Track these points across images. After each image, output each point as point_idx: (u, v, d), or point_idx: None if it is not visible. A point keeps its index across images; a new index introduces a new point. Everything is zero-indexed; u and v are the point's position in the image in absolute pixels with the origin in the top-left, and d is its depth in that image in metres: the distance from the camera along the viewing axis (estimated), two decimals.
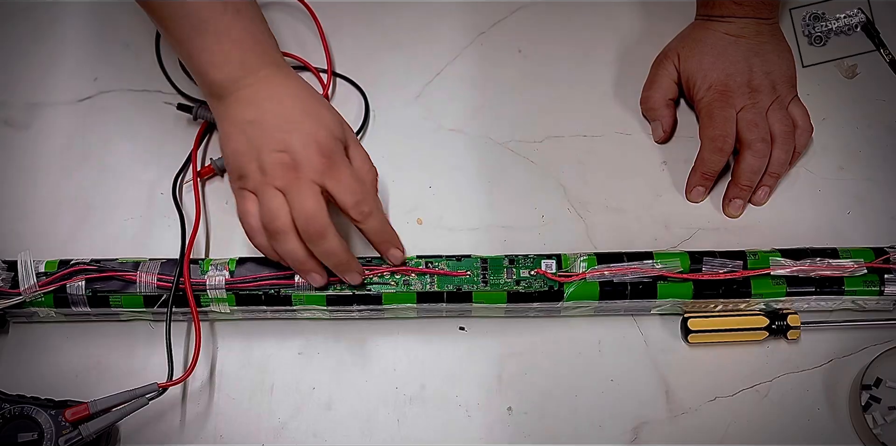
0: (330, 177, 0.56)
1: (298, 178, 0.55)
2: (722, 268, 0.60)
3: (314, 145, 0.56)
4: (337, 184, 0.56)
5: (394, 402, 0.60)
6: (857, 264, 0.59)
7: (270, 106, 0.57)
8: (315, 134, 0.56)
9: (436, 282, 0.59)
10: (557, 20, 0.74)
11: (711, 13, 0.68)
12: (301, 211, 0.55)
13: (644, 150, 0.69)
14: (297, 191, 0.55)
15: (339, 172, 0.56)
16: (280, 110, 0.57)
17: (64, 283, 0.59)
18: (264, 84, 0.58)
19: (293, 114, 0.57)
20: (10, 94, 0.70)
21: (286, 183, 0.55)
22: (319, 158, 0.56)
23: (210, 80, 0.58)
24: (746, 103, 0.65)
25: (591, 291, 0.59)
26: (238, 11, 0.58)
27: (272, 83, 0.58)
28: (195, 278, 0.59)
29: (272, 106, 0.57)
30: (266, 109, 0.57)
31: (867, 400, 0.60)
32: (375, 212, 0.58)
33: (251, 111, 0.57)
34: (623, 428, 0.60)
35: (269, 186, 0.56)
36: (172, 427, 0.60)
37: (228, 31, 0.58)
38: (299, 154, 0.55)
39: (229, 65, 0.58)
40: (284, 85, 0.59)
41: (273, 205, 0.55)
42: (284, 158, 0.55)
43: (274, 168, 0.55)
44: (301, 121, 0.57)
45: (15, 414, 0.54)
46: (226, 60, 0.58)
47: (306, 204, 0.55)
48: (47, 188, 0.67)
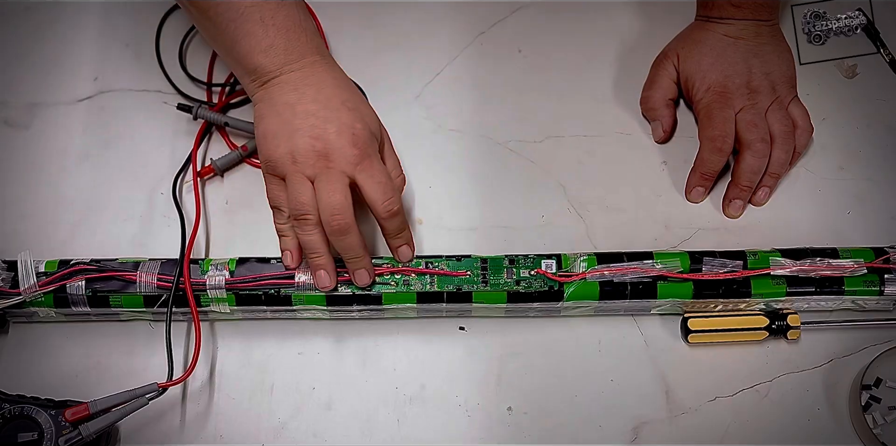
0: (361, 169, 0.56)
1: (329, 168, 0.55)
2: (722, 268, 0.60)
3: (349, 135, 0.56)
4: (368, 177, 0.56)
5: (394, 402, 0.60)
6: (856, 264, 0.59)
7: (311, 92, 0.57)
8: (351, 125, 0.56)
9: (436, 282, 0.59)
10: (557, 20, 0.74)
11: (711, 14, 0.68)
12: (328, 204, 0.55)
13: (644, 150, 0.69)
14: (327, 181, 0.55)
15: (371, 166, 0.56)
16: (320, 97, 0.57)
17: (64, 283, 0.59)
18: (308, 70, 0.58)
19: (332, 103, 0.57)
20: (10, 94, 0.70)
21: (316, 171, 0.55)
22: (352, 149, 0.56)
23: (254, 65, 0.58)
24: (745, 104, 0.65)
25: (591, 291, 0.59)
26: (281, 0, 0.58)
27: (316, 70, 0.59)
28: (195, 278, 0.59)
29: (313, 92, 0.57)
30: (306, 94, 0.57)
31: (867, 400, 0.60)
32: (401, 212, 0.58)
33: (292, 95, 0.57)
34: (623, 428, 0.60)
35: (299, 174, 0.56)
36: (172, 427, 0.60)
37: (274, 17, 0.58)
38: (333, 142, 0.55)
39: (274, 49, 0.58)
40: (327, 74, 0.59)
41: (301, 194, 0.55)
42: (317, 145, 0.55)
43: (306, 155, 0.55)
44: (339, 110, 0.57)
45: (15, 414, 0.54)
46: (271, 45, 0.58)
47: (334, 197, 0.55)
48: (47, 188, 0.67)
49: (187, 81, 0.71)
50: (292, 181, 0.56)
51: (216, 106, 0.69)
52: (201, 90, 0.71)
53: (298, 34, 0.59)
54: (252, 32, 0.58)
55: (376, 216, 0.58)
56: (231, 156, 0.67)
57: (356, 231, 0.56)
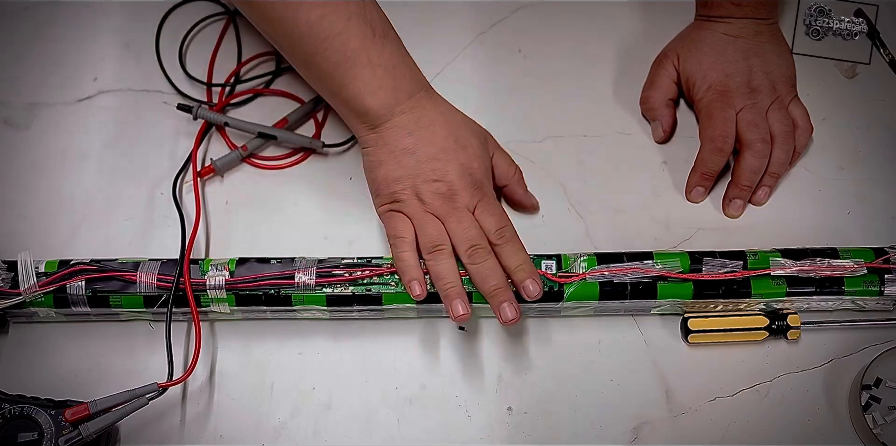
0: (480, 205, 0.59)
1: (455, 208, 0.58)
2: (722, 268, 0.60)
3: (468, 176, 0.59)
4: (484, 211, 0.58)
5: (394, 402, 0.60)
6: (857, 264, 0.59)
7: (426, 135, 0.59)
8: (469, 165, 0.59)
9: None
10: (557, 20, 0.74)
11: (710, 14, 0.68)
12: (466, 238, 0.57)
13: (644, 150, 0.69)
14: (458, 219, 0.58)
15: (488, 202, 0.59)
16: (435, 139, 0.59)
17: (64, 283, 0.59)
18: (418, 110, 0.59)
19: (447, 144, 0.59)
20: (10, 94, 0.70)
21: (444, 212, 0.58)
22: (472, 190, 0.59)
23: (365, 108, 0.58)
24: (746, 103, 0.65)
25: (591, 291, 0.59)
26: (385, 36, 0.58)
27: (425, 109, 0.59)
28: (195, 278, 0.59)
29: (428, 135, 0.59)
30: (422, 138, 0.59)
31: (867, 400, 0.60)
32: (514, 239, 0.59)
33: (408, 140, 0.58)
34: (623, 428, 0.60)
35: (428, 214, 0.58)
36: (172, 427, 0.60)
37: (380, 58, 0.57)
38: (455, 184, 0.58)
39: (383, 91, 0.58)
40: (436, 111, 0.60)
41: (435, 229, 0.58)
42: (441, 188, 0.58)
43: (432, 197, 0.58)
44: (455, 151, 0.59)
45: (15, 414, 0.54)
46: (380, 86, 0.58)
47: (470, 232, 0.58)
48: (47, 188, 0.67)
49: (187, 81, 0.71)
50: (423, 219, 0.58)
51: (216, 106, 0.69)
52: (201, 90, 0.71)
53: (403, 71, 0.59)
54: (360, 76, 0.57)
55: (491, 243, 0.58)
56: (231, 157, 0.67)
57: (495, 259, 0.58)
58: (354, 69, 0.57)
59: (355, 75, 0.57)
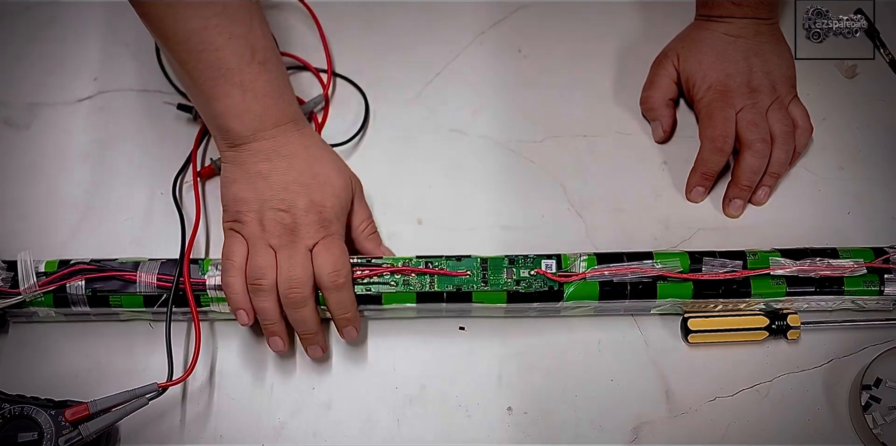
0: (321, 243, 0.57)
1: (294, 242, 0.56)
2: (722, 268, 0.60)
3: (316, 214, 0.57)
4: (324, 250, 0.56)
5: (394, 402, 0.60)
6: (856, 264, 0.59)
7: (283, 164, 0.57)
8: (321, 203, 0.57)
9: (436, 282, 0.59)
10: (557, 20, 0.74)
11: (711, 13, 0.68)
12: (288, 277, 0.56)
13: (644, 150, 0.69)
14: (290, 255, 0.56)
15: (331, 242, 0.57)
16: (291, 170, 0.57)
17: (64, 283, 0.59)
18: (281, 139, 0.58)
19: (303, 178, 0.57)
20: (10, 94, 0.70)
21: (281, 243, 0.56)
22: (317, 228, 0.57)
23: (226, 128, 0.58)
24: (746, 103, 0.65)
25: (590, 291, 0.59)
26: (264, 62, 0.57)
27: (289, 140, 0.58)
28: (195, 278, 0.59)
29: (284, 164, 0.57)
30: (278, 166, 0.57)
31: (867, 400, 0.60)
32: (346, 286, 0.57)
33: (263, 165, 0.57)
34: (623, 428, 0.60)
35: (264, 242, 0.56)
36: (172, 427, 0.60)
37: (253, 83, 0.57)
38: (300, 218, 0.56)
39: (248, 115, 0.57)
40: (300, 143, 0.59)
41: (264, 262, 0.56)
42: (285, 219, 0.56)
43: (273, 225, 0.56)
44: (309, 186, 0.57)
45: (15, 414, 0.54)
46: (246, 111, 0.57)
47: (295, 271, 0.56)
48: (47, 188, 0.67)
49: None
50: (256, 246, 0.56)
51: None
52: None
53: (276, 100, 0.58)
54: (229, 95, 0.56)
55: (321, 287, 0.57)
56: None
57: (312, 306, 0.57)
58: (225, 87, 0.56)
59: (225, 93, 0.56)
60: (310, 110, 0.69)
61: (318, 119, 0.70)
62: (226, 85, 0.56)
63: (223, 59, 0.56)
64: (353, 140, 0.69)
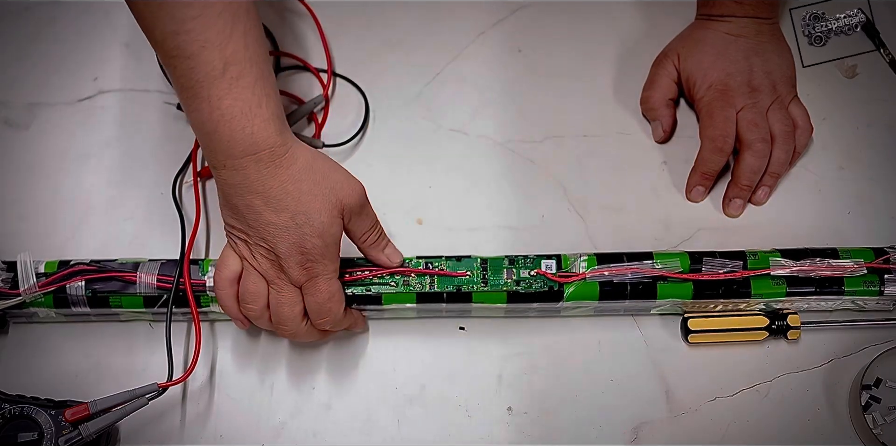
0: (306, 286, 0.55)
1: (281, 279, 0.55)
2: (722, 268, 0.60)
3: (298, 257, 0.53)
4: (309, 296, 0.55)
5: (394, 402, 0.60)
6: (856, 264, 0.59)
7: (257, 202, 0.52)
8: (300, 244, 0.53)
9: (436, 283, 0.59)
10: (557, 20, 0.74)
11: (712, 13, 0.68)
12: (276, 312, 0.55)
13: (644, 150, 0.69)
14: (278, 291, 0.55)
15: (316, 286, 0.54)
16: (266, 211, 0.52)
17: (64, 284, 0.59)
18: (252, 174, 0.52)
19: (279, 221, 0.52)
20: (10, 94, 0.70)
21: (269, 278, 0.55)
22: (300, 270, 0.54)
23: (201, 142, 0.53)
24: (747, 103, 0.65)
25: (591, 291, 0.59)
26: (238, 77, 0.50)
27: (260, 174, 0.52)
28: (195, 278, 0.59)
29: (259, 203, 0.52)
30: (252, 206, 0.52)
31: (867, 400, 0.60)
32: (335, 325, 0.57)
33: (239, 201, 0.53)
34: (623, 428, 0.60)
35: (253, 269, 0.55)
36: (172, 427, 0.60)
37: (220, 101, 0.50)
38: (284, 260, 0.53)
39: (216, 137, 0.51)
40: (272, 180, 0.52)
41: (254, 289, 0.55)
42: (270, 256, 0.54)
43: (262, 259, 0.54)
44: (287, 229, 0.52)
45: (15, 414, 0.54)
46: (214, 131, 0.51)
47: (282, 309, 0.55)
48: (47, 188, 0.67)
49: None
50: (248, 270, 0.55)
51: None
52: None
53: (244, 125, 0.51)
54: (199, 110, 0.51)
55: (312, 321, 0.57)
56: None
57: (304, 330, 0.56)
58: (195, 101, 0.51)
59: (195, 108, 0.51)
60: (310, 110, 0.69)
61: (318, 119, 0.70)
62: (195, 98, 0.51)
63: (193, 68, 0.50)
64: (353, 140, 0.69)
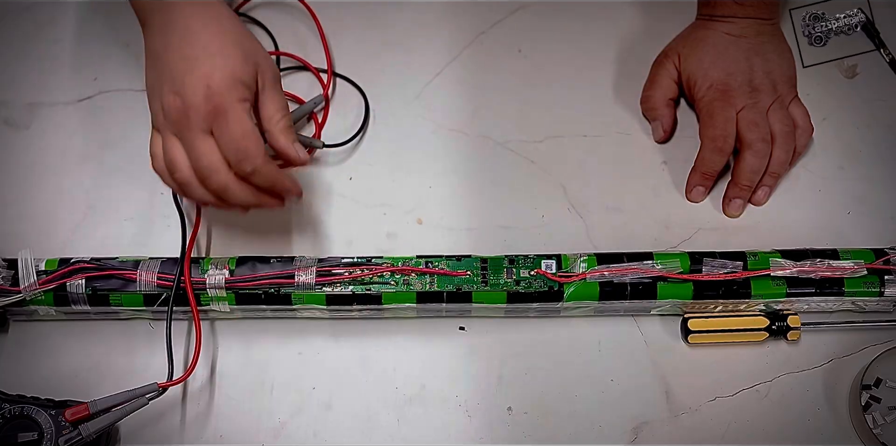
0: (216, 126, 0.51)
1: (189, 128, 0.51)
2: (722, 268, 0.60)
3: (203, 89, 0.51)
4: (220, 135, 0.51)
5: (394, 402, 0.60)
6: (856, 265, 0.59)
7: (176, 39, 0.52)
8: (209, 76, 0.51)
9: (436, 282, 0.59)
10: (557, 20, 0.74)
11: (713, 13, 0.68)
12: (197, 167, 0.52)
13: (644, 150, 0.69)
14: (190, 142, 0.52)
15: (225, 122, 0.51)
16: (183, 45, 0.52)
17: (64, 282, 0.59)
18: (177, 12, 0.53)
19: (194, 51, 0.52)
20: (10, 94, 0.70)
21: (179, 130, 0.52)
22: (206, 106, 0.51)
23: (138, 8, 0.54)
24: (747, 103, 0.65)
25: (591, 292, 0.59)
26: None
27: (184, 12, 0.53)
28: (195, 277, 0.59)
29: (177, 39, 0.52)
30: (171, 43, 0.52)
31: (867, 400, 0.60)
32: (259, 170, 0.53)
33: (159, 41, 0.53)
34: (623, 428, 0.60)
35: (169, 132, 0.53)
36: (172, 427, 0.60)
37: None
38: (189, 99, 0.51)
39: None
40: (196, 16, 0.53)
41: (171, 155, 0.53)
42: (176, 102, 0.51)
43: (169, 111, 0.52)
44: (199, 59, 0.51)
45: (15, 414, 0.54)
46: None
47: (200, 160, 0.52)
48: (47, 188, 0.67)
49: None
50: (164, 138, 0.53)
51: None
52: None
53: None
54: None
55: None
56: None
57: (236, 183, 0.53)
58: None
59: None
60: (310, 110, 0.69)
61: (318, 119, 0.70)
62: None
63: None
64: (353, 140, 0.69)
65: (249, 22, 0.73)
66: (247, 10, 0.73)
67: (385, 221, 0.66)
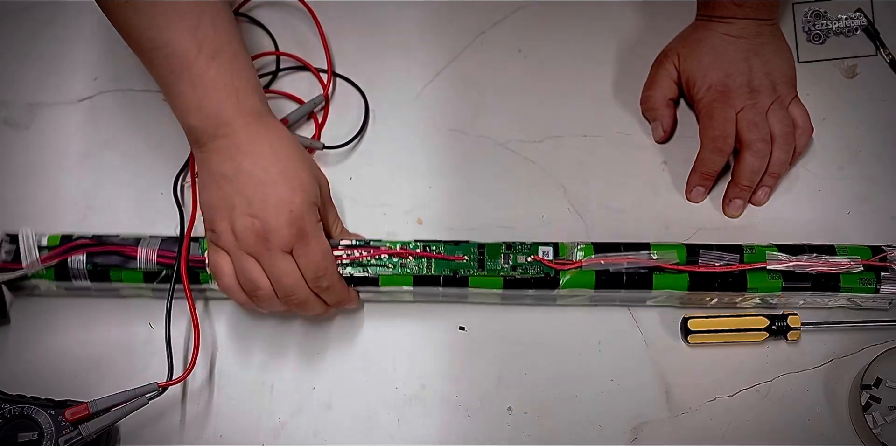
0: (298, 247, 0.55)
1: (269, 249, 0.55)
2: (718, 260, 0.60)
3: (286, 214, 0.55)
4: (302, 256, 0.55)
5: (394, 402, 0.60)
6: (853, 261, 0.59)
7: (247, 163, 0.55)
8: (289, 201, 0.55)
9: (433, 266, 0.59)
10: (557, 20, 0.74)
11: (712, 14, 0.68)
12: (279, 285, 0.55)
13: (644, 150, 0.69)
14: (271, 263, 0.55)
15: (307, 244, 0.55)
16: (256, 170, 0.55)
17: (65, 257, 0.59)
18: (242, 136, 0.56)
19: (269, 176, 0.55)
20: (10, 94, 0.70)
21: (258, 251, 0.55)
22: (289, 229, 0.54)
23: (187, 127, 0.57)
24: (746, 103, 0.65)
25: (586, 280, 0.59)
26: (214, 56, 0.56)
27: (250, 136, 0.56)
28: (194, 255, 0.59)
29: (248, 163, 0.55)
30: (242, 167, 0.55)
31: (867, 400, 0.60)
32: (334, 285, 0.57)
33: (228, 165, 0.55)
34: (623, 428, 0.60)
35: (243, 253, 0.55)
36: (172, 427, 0.60)
37: (202, 78, 0.55)
38: (270, 223, 0.54)
39: (203, 111, 0.56)
40: (264, 138, 0.57)
41: (252, 274, 0.55)
42: (256, 225, 0.54)
43: (246, 233, 0.55)
44: (276, 184, 0.55)
45: (15, 414, 0.54)
46: (199, 107, 0.56)
47: (284, 279, 0.55)
48: (47, 188, 0.67)
49: None
50: (238, 258, 0.56)
51: None
52: None
53: (229, 94, 0.56)
54: (182, 92, 0.56)
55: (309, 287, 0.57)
56: None
57: (315, 299, 0.57)
58: (178, 85, 0.56)
59: (179, 92, 0.56)
60: (310, 110, 0.69)
61: (318, 119, 0.70)
62: (177, 81, 0.56)
63: (170, 56, 0.55)
64: (353, 140, 0.69)
65: (249, 22, 0.73)
66: (247, 10, 0.73)
67: (385, 221, 0.66)
